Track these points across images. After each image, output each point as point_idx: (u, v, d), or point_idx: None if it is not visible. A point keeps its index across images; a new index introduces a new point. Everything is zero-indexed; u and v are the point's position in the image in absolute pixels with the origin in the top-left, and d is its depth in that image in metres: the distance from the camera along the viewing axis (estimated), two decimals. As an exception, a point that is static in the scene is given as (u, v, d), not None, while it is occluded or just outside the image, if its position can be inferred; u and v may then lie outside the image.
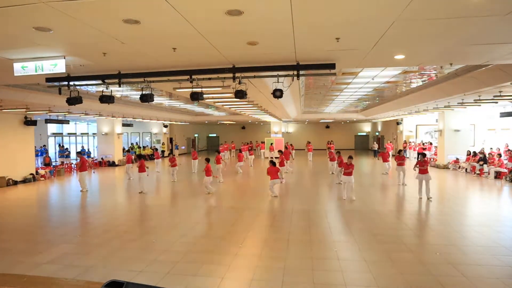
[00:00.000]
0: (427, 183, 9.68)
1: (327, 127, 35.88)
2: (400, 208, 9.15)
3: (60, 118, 16.87)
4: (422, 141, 22.40)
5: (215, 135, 39.16)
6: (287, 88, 7.87)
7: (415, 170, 10.33)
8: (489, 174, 14.13)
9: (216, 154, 14.13)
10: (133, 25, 4.21)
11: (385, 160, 15.84)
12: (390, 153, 20.57)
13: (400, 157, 12.42)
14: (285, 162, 14.25)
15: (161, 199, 10.66)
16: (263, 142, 27.59)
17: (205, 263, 5.19)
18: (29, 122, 14.22)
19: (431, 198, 9.66)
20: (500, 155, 14.34)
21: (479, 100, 11.45)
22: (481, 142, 18.52)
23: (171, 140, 29.48)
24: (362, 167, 19.33)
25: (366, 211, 8.50)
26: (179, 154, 29.35)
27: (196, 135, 36.30)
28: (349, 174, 9.76)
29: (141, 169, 11.32)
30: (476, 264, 5.10)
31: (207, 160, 11.06)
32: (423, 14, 3.98)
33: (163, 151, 27.06)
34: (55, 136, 24.08)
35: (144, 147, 27.24)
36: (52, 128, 23.43)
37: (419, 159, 10.00)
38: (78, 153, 13.86)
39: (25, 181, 14.16)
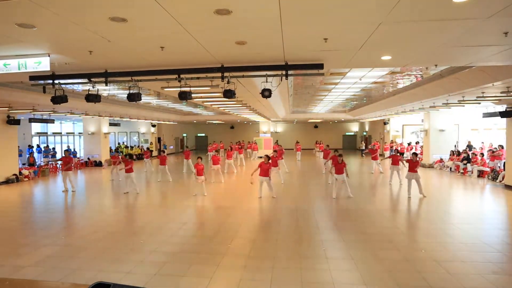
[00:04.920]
0: (417, 182, 9.93)
1: (316, 126, 36.16)
2: (387, 206, 9.30)
3: (44, 117, 16.47)
4: (416, 142, 22.41)
5: (203, 134, 38.96)
6: (275, 88, 7.89)
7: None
8: (472, 173, 14.50)
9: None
10: (120, 23, 4.15)
11: (374, 158, 16.03)
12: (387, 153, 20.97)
13: (395, 157, 12.62)
14: (278, 162, 14.18)
15: (148, 200, 10.54)
16: (250, 142, 27.21)
17: (193, 264, 5.16)
18: (12, 121, 13.83)
19: (425, 195, 9.96)
20: (482, 154, 14.73)
21: (463, 100, 11.72)
22: (465, 141, 18.99)
23: (159, 139, 29.20)
24: (350, 166, 19.54)
25: (354, 209, 8.61)
26: (167, 154, 29.08)
27: (184, 134, 36.04)
28: (341, 172, 9.91)
29: (129, 169, 11.16)
30: (459, 260, 5.23)
31: (200, 159, 10.94)
32: (409, 16, 4.06)
33: (151, 151, 26.77)
34: (39, 136, 23.52)
35: (131, 147, 26.88)
36: (36, 127, 22.87)
37: (411, 159, 10.16)
38: (65, 151, 13.60)
39: (7, 181, 13.78)
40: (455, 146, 18.20)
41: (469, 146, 17.29)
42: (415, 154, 10.36)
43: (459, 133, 19.55)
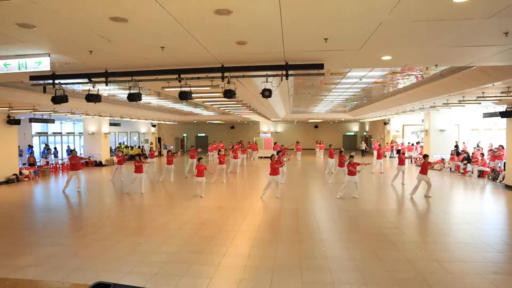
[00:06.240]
0: (427, 183, 9.98)
1: (316, 127, 36.14)
2: (388, 206, 9.29)
3: (45, 117, 16.48)
4: (417, 142, 22.52)
5: (204, 134, 38.97)
6: (275, 88, 7.90)
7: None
8: (472, 173, 14.49)
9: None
10: (120, 23, 4.15)
11: (379, 157, 16.06)
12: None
13: (401, 157, 12.63)
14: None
15: (149, 200, 10.55)
16: (250, 142, 27.17)
17: (193, 264, 5.16)
18: (13, 121, 13.83)
19: (430, 196, 9.99)
20: (483, 154, 14.73)
21: (463, 100, 11.72)
22: (465, 141, 19.01)
23: (159, 139, 29.21)
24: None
25: (354, 209, 8.61)
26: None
27: (184, 134, 36.06)
28: (354, 173, 9.91)
29: (138, 169, 11.18)
30: (459, 260, 5.23)
31: (200, 159, 10.95)
32: (409, 16, 4.06)
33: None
34: (39, 136, 23.52)
35: (132, 147, 26.89)
36: (36, 127, 22.86)
37: (424, 162, 10.14)
38: (71, 151, 13.64)
39: (8, 181, 13.79)
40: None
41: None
42: (426, 156, 10.35)
43: (459, 133, 19.56)
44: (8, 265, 5.18)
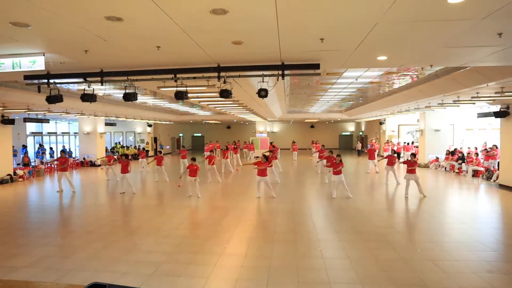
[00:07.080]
0: (416, 182, 10.00)
1: (312, 126, 36.21)
2: (383, 206, 9.34)
3: (39, 117, 16.35)
4: (412, 142, 22.65)
5: (200, 134, 38.89)
6: (272, 88, 7.90)
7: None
8: (467, 172, 14.61)
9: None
10: (115, 22, 4.13)
11: (371, 157, 16.11)
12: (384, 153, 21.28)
13: (391, 157, 12.67)
14: (272, 162, 14.21)
15: (145, 200, 10.51)
16: (246, 142, 27.15)
17: (190, 264, 5.15)
18: (7, 121, 13.71)
19: (425, 195, 10.02)
20: (477, 154, 14.85)
21: (458, 101, 11.81)
22: (459, 141, 19.15)
23: (155, 139, 29.10)
24: (346, 166, 19.56)
25: (350, 209, 8.64)
26: (163, 154, 28.98)
27: (181, 134, 35.95)
28: (339, 173, 9.94)
29: (124, 169, 11.11)
30: (454, 259, 5.27)
31: (193, 159, 10.93)
32: (404, 16, 4.08)
33: (147, 151, 26.66)
34: (34, 136, 23.32)
35: (127, 147, 26.76)
36: (31, 127, 22.67)
37: (408, 160, 10.19)
38: (62, 152, 13.52)
39: (2, 182, 13.66)
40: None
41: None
42: (413, 155, 10.39)
43: (454, 133, 19.70)
44: (3, 266, 5.13)
